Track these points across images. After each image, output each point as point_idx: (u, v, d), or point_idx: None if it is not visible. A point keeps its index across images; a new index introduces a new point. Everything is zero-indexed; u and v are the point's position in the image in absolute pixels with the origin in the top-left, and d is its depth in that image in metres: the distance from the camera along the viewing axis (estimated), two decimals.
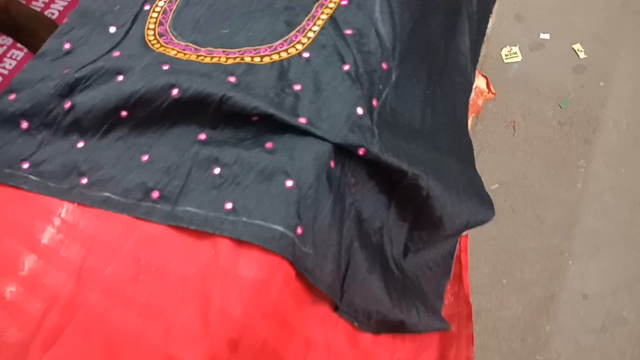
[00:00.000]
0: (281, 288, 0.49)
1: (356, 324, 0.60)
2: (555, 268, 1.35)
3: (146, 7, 0.70)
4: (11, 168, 0.59)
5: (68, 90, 0.61)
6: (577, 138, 1.54)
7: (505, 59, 1.70)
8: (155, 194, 0.54)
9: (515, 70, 1.69)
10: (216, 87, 0.57)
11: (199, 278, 0.49)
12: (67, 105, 0.60)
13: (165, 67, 0.60)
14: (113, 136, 0.59)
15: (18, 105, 0.61)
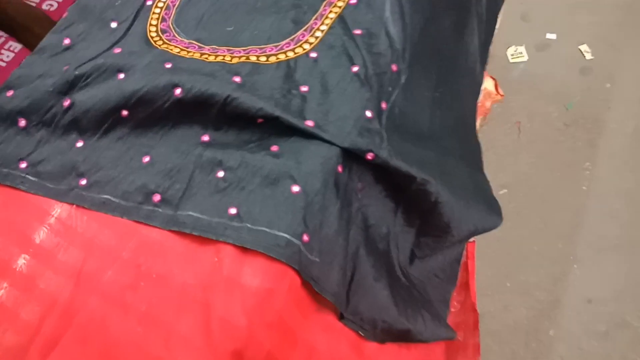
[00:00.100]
0: (286, 297, 0.47)
1: (361, 332, 0.58)
2: (559, 272, 1.33)
3: (148, 3, 0.68)
4: (8, 167, 0.57)
5: (67, 88, 0.59)
6: (583, 140, 1.52)
7: (511, 58, 1.69)
8: (156, 197, 0.53)
9: (521, 70, 1.67)
10: (220, 87, 0.55)
11: (201, 286, 0.47)
12: (66, 103, 0.59)
13: (168, 66, 0.59)
14: (113, 136, 0.58)
15: (16, 103, 0.59)
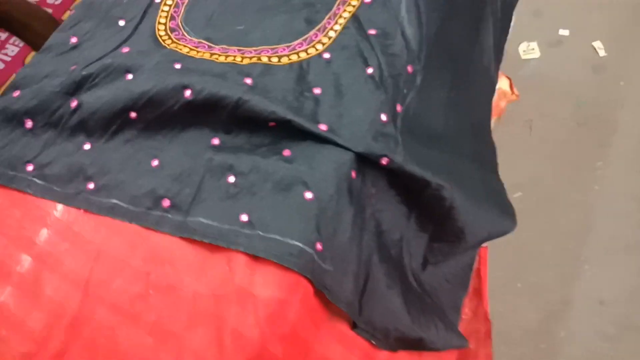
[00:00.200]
0: (299, 308, 0.46)
1: (374, 342, 0.57)
2: (570, 273, 1.32)
3: (157, 0, 0.66)
4: (14, 170, 0.56)
5: (74, 89, 0.58)
6: (595, 139, 1.49)
7: (523, 55, 1.66)
8: (165, 203, 0.51)
9: (533, 67, 1.64)
10: (231, 89, 0.53)
11: (212, 296, 0.46)
12: (74, 104, 0.57)
13: (177, 66, 0.57)
14: (121, 138, 0.56)
15: (22, 103, 0.58)
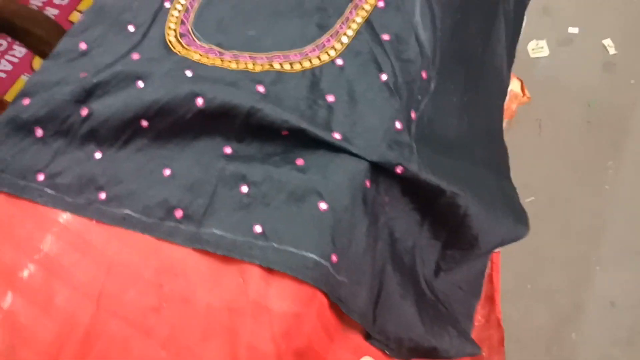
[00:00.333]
0: (315, 321, 0.45)
1: (387, 352, 0.56)
2: (582, 275, 1.30)
3: (167, 4, 0.65)
4: (25, 179, 0.55)
5: (85, 96, 0.57)
6: (606, 139, 1.48)
7: (532, 53, 1.64)
8: (178, 213, 0.51)
9: (542, 65, 1.62)
10: (244, 98, 0.52)
11: (226, 309, 0.45)
12: (84, 112, 0.56)
13: (189, 74, 0.56)
14: (132, 147, 0.55)
15: (32, 111, 0.57)
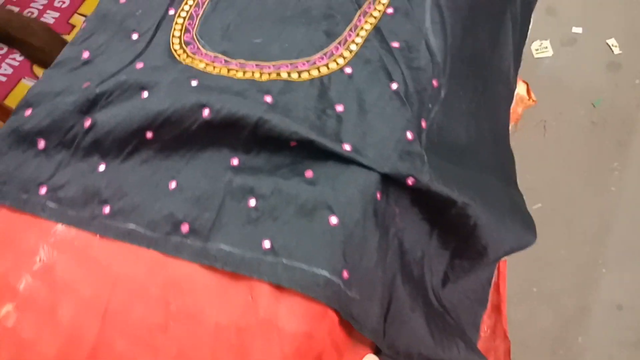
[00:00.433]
0: (326, 339, 0.44)
1: None
2: (587, 277, 1.29)
3: (171, 12, 0.64)
4: (27, 192, 0.54)
5: (88, 107, 0.56)
6: (611, 140, 1.47)
7: (536, 54, 1.63)
8: (185, 228, 0.49)
9: (546, 66, 1.61)
10: (251, 109, 0.51)
11: (235, 328, 0.44)
12: (88, 123, 0.55)
13: (194, 83, 0.55)
14: (137, 159, 0.54)
15: (34, 122, 0.56)
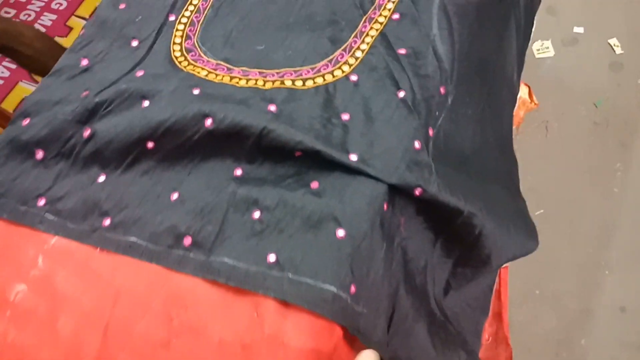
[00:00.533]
0: (332, 356, 0.43)
1: None
2: (591, 279, 1.29)
3: (171, 18, 0.63)
4: (26, 204, 0.53)
5: (87, 116, 0.55)
6: (614, 140, 1.46)
7: (537, 54, 1.62)
8: (187, 241, 0.48)
9: (547, 66, 1.60)
10: (255, 118, 0.50)
11: (240, 344, 0.43)
12: (87, 133, 0.54)
13: (196, 92, 0.54)
14: (138, 170, 0.53)
15: (32, 132, 0.55)
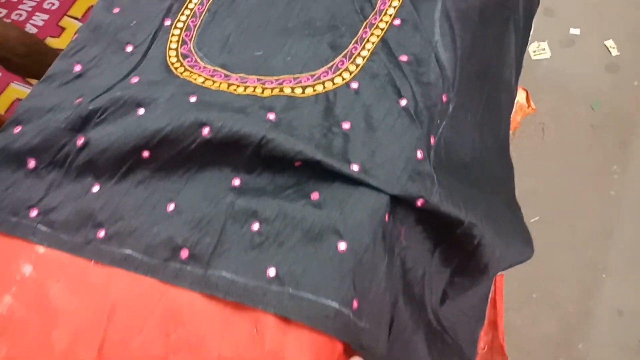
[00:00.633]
0: None
1: None
2: (588, 282, 1.28)
3: (167, 23, 0.62)
4: (17, 215, 0.51)
5: (81, 124, 0.53)
6: (611, 142, 1.46)
7: (534, 55, 1.61)
8: (184, 253, 0.47)
9: (544, 67, 1.60)
10: (254, 127, 0.49)
11: None
12: (80, 141, 0.53)
13: (193, 99, 0.52)
14: (133, 180, 0.51)
15: (24, 141, 0.54)
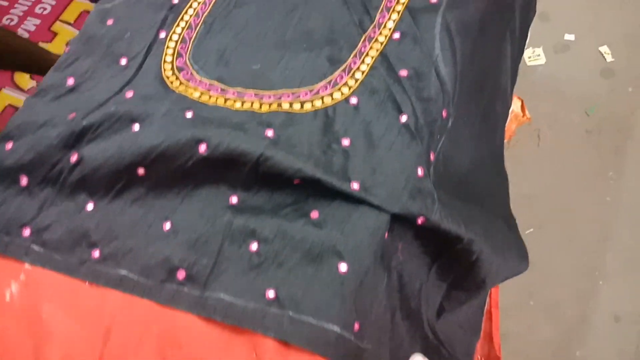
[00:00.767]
0: None
1: None
2: (585, 288, 1.28)
3: (162, 35, 0.60)
4: (10, 235, 0.50)
5: (74, 140, 0.52)
6: (607, 148, 1.46)
7: (528, 61, 1.62)
8: (181, 275, 0.46)
9: (539, 73, 1.60)
10: (252, 144, 0.48)
11: None
12: (74, 158, 0.52)
13: (189, 115, 0.51)
14: (128, 198, 0.50)
15: (16, 157, 0.52)
